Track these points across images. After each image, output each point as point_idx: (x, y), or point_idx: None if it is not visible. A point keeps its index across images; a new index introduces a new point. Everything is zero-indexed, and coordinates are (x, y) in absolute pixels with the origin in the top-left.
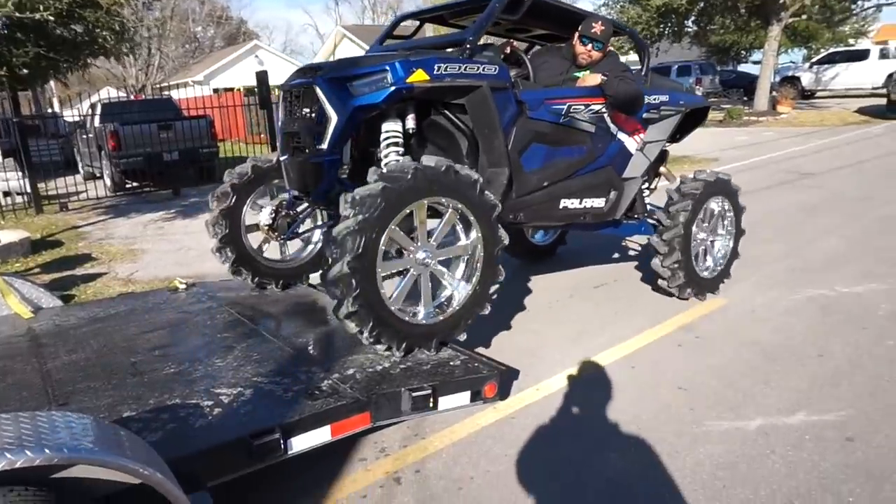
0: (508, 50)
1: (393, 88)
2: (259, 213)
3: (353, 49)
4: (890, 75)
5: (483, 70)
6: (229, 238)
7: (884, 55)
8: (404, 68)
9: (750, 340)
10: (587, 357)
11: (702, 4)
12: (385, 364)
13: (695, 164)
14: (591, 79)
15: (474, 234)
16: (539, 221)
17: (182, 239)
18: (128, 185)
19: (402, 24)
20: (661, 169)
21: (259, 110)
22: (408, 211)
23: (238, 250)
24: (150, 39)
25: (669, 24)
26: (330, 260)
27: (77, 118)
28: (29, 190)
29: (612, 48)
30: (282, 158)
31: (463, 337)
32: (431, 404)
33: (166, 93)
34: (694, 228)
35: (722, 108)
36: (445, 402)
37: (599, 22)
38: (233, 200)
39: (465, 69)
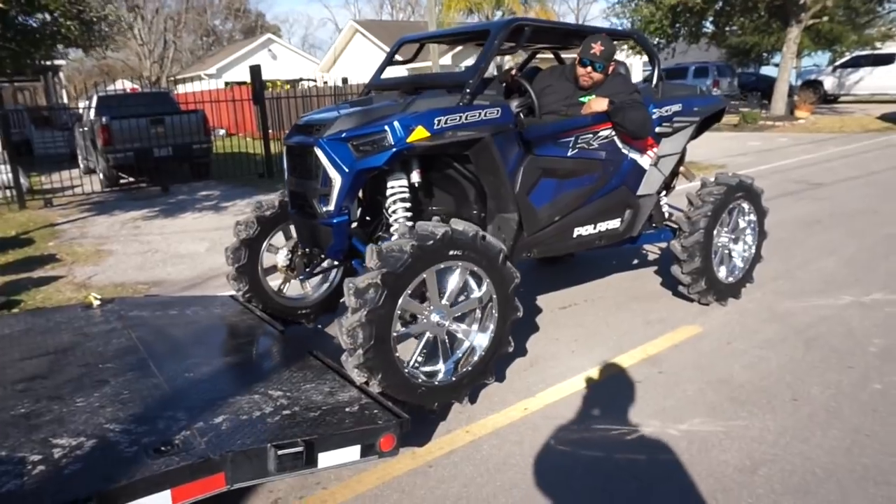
0: (510, 80)
1: (394, 150)
2: (277, 251)
3: (365, 44)
4: None
5: (485, 116)
6: (245, 268)
7: None
8: (404, 127)
9: (718, 378)
10: (534, 394)
11: (720, 4)
12: (266, 409)
13: (700, 170)
14: (597, 104)
15: (485, 284)
16: (553, 253)
17: (154, 240)
18: (122, 181)
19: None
20: (680, 168)
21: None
22: (417, 281)
23: (252, 281)
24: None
25: (685, 24)
26: (345, 349)
27: (79, 111)
28: (12, 184)
29: (622, 63)
30: (290, 212)
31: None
32: (306, 461)
33: (179, 86)
34: (714, 233)
35: (738, 112)
36: (328, 458)
37: (599, 42)
38: (256, 231)
39: (466, 119)
